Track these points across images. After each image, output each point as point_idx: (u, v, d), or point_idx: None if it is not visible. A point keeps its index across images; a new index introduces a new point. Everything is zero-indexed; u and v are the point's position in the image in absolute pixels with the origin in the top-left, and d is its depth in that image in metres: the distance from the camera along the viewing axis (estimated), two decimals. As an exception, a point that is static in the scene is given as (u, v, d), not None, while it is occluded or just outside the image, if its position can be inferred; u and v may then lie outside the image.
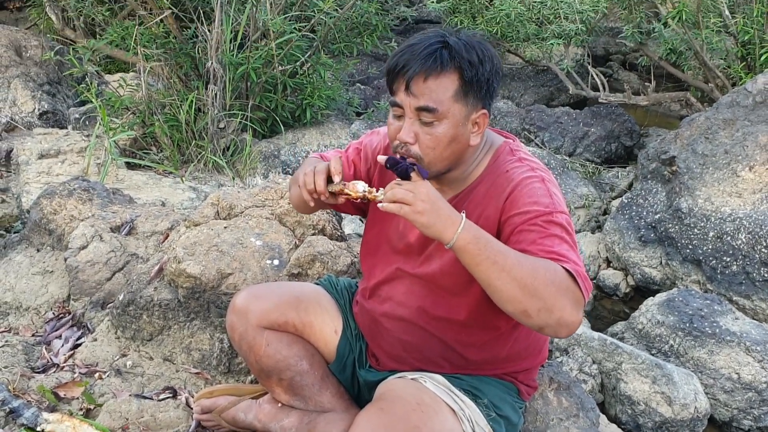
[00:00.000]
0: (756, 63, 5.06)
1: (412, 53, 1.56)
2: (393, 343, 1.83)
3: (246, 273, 2.34)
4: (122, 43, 4.98)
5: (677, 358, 3.22)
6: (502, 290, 1.44)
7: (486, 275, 1.45)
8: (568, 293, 1.45)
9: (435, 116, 1.56)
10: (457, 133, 1.59)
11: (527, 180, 1.60)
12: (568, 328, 1.45)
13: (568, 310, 1.44)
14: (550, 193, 1.58)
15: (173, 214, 3.02)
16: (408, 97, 1.57)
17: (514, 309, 1.45)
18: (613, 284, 4.21)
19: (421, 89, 1.55)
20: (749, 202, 3.81)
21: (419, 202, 1.45)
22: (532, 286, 1.42)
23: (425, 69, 1.54)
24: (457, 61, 1.55)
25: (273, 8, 4.68)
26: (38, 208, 3.00)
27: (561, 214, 1.56)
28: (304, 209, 1.94)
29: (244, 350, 1.91)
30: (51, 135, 4.49)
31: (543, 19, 5.92)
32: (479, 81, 1.57)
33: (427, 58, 1.54)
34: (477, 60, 1.56)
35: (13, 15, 7.55)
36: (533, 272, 1.43)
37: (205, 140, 4.49)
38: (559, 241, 1.51)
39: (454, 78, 1.56)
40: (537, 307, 1.43)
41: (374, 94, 6.48)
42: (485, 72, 1.58)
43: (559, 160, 5.18)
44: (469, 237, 1.45)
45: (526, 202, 1.56)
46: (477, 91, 1.58)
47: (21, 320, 2.70)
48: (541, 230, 1.52)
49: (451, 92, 1.56)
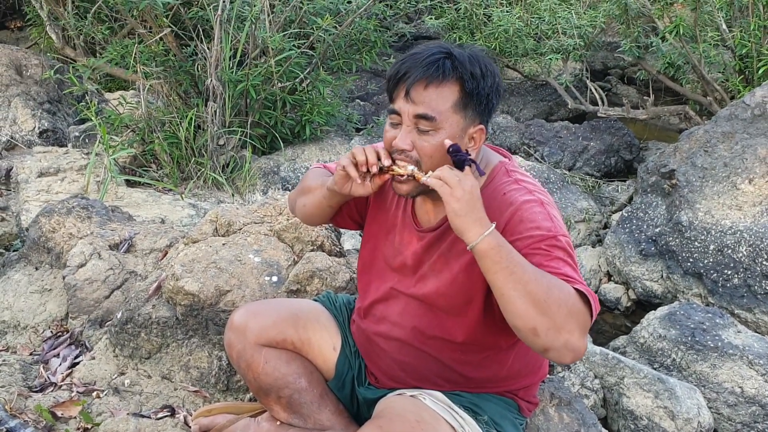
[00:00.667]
0: (754, 76, 5.08)
1: (414, 61, 1.56)
2: (390, 363, 1.82)
3: (244, 290, 2.33)
4: (122, 62, 5.00)
5: (680, 372, 3.20)
6: (515, 303, 1.43)
7: (502, 284, 1.44)
8: (578, 316, 1.44)
9: (432, 125, 1.56)
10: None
11: (527, 204, 1.59)
12: (574, 353, 1.43)
13: (576, 334, 1.43)
14: (551, 216, 1.57)
15: (172, 232, 3.02)
16: (407, 104, 1.56)
17: (523, 325, 1.43)
18: (615, 298, 4.19)
19: (421, 97, 1.55)
20: (749, 215, 3.80)
21: (460, 189, 1.46)
22: (546, 304, 1.41)
23: (427, 76, 1.54)
24: (459, 71, 1.55)
25: (272, 26, 4.71)
26: (37, 226, 3.00)
27: (563, 237, 1.55)
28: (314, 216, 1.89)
29: (243, 368, 1.90)
30: (51, 153, 4.50)
31: (541, 35, 5.95)
32: (479, 94, 1.57)
33: (430, 66, 1.54)
34: (479, 73, 1.56)
35: (13, 34, 7.59)
36: (548, 290, 1.42)
37: (204, 157, 4.50)
38: (563, 264, 1.50)
39: (455, 89, 1.56)
40: (546, 326, 1.41)
41: (373, 110, 6.50)
42: (486, 86, 1.57)
43: (558, 175, 5.18)
44: (492, 243, 1.44)
45: (528, 227, 1.55)
46: (476, 104, 1.58)
47: (19, 339, 2.69)
48: (545, 254, 1.51)
49: (450, 102, 1.56)
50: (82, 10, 5.55)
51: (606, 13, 5.77)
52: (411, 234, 1.74)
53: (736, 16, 5.33)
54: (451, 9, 6.12)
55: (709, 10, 5.11)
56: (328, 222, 1.93)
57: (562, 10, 5.87)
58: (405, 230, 1.76)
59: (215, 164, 4.54)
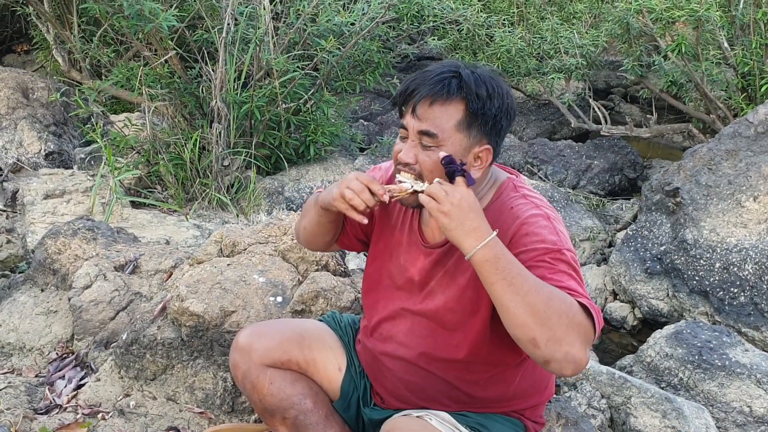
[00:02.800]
0: (756, 94, 5.09)
1: (423, 79, 1.60)
2: (396, 383, 1.81)
3: (249, 310, 2.33)
4: (127, 84, 5.04)
5: (687, 392, 3.18)
6: (514, 313, 1.43)
7: (500, 295, 1.44)
8: (579, 328, 1.43)
9: (434, 141, 1.58)
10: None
11: (533, 218, 1.60)
12: (575, 365, 1.43)
13: (578, 346, 1.42)
14: (557, 231, 1.58)
15: (177, 252, 3.03)
16: (413, 119, 1.59)
17: (523, 335, 1.44)
18: (620, 317, 4.17)
19: (426, 113, 1.58)
20: (755, 233, 3.79)
21: (448, 203, 1.47)
22: (545, 315, 1.41)
23: (432, 94, 1.57)
24: (464, 91, 1.57)
25: (276, 48, 4.74)
26: (43, 248, 3.01)
27: (568, 251, 1.55)
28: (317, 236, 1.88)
29: (248, 389, 1.89)
30: (56, 175, 4.52)
31: (543, 54, 5.98)
32: (485, 115, 1.58)
33: (436, 84, 1.57)
34: (485, 94, 1.58)
35: (20, 58, 7.66)
36: (549, 301, 1.42)
37: (209, 178, 4.51)
38: (568, 277, 1.51)
39: (460, 108, 1.58)
40: (546, 337, 1.41)
41: (377, 130, 6.52)
42: (492, 107, 1.59)
43: (562, 193, 5.19)
44: (489, 254, 1.45)
45: (533, 240, 1.56)
46: (482, 124, 1.59)
47: (24, 361, 2.69)
48: (549, 266, 1.52)
49: (454, 121, 1.58)
50: (88, 33, 5.61)
51: (608, 32, 5.80)
52: (417, 251, 1.74)
53: (737, 35, 5.35)
54: (454, 30, 6.16)
55: (710, 28, 5.13)
56: (332, 243, 1.93)
57: (564, 30, 5.91)
58: (411, 247, 1.76)
59: (220, 185, 4.55)
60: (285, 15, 5.02)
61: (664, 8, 5.17)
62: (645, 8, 5.32)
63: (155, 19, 4.24)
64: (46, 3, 5.43)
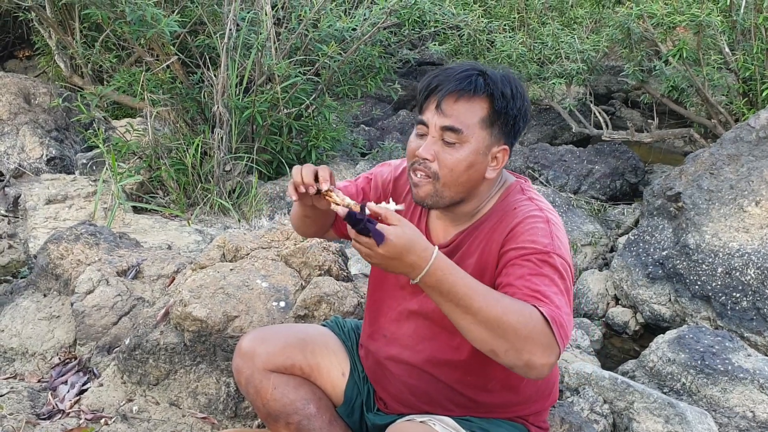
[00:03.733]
0: (758, 98, 5.09)
1: (447, 75, 1.60)
2: (400, 387, 1.81)
3: (252, 315, 2.33)
4: (129, 89, 5.05)
5: (690, 397, 3.17)
6: (466, 330, 1.46)
7: (450, 315, 1.47)
8: (540, 337, 1.43)
9: (458, 137, 1.58)
10: (476, 160, 1.60)
11: (531, 219, 1.60)
12: (537, 371, 1.45)
13: (538, 353, 1.43)
14: (552, 235, 1.57)
15: (179, 258, 3.03)
16: (436, 115, 1.59)
17: (482, 348, 1.47)
18: (622, 322, 4.17)
19: (451, 109, 1.58)
20: (757, 237, 3.79)
21: (375, 259, 1.45)
22: (500, 329, 1.42)
23: (458, 90, 1.57)
24: (490, 88, 1.58)
25: (278, 53, 4.75)
26: (45, 253, 3.01)
27: (558, 257, 1.54)
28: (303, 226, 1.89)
29: (251, 394, 1.89)
30: (58, 180, 4.52)
31: (544, 59, 5.98)
32: (507, 114, 1.60)
33: (462, 80, 1.58)
34: (510, 93, 1.59)
35: (22, 63, 7.67)
36: (502, 315, 1.43)
37: (211, 183, 4.52)
38: (549, 282, 1.50)
39: (485, 105, 1.59)
40: (504, 348, 1.43)
41: (378, 135, 6.53)
42: (515, 107, 1.60)
43: (564, 198, 5.19)
44: (431, 281, 1.44)
45: (526, 239, 1.56)
46: (503, 124, 1.61)
47: (27, 366, 2.69)
48: (532, 267, 1.52)
49: (478, 117, 1.58)
50: (90, 39, 5.62)
51: (609, 37, 5.81)
52: None
53: (738, 39, 5.36)
54: (455, 35, 6.17)
55: (711, 33, 5.14)
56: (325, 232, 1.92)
57: (564, 35, 5.91)
58: None
59: (221, 190, 4.56)
60: (287, 20, 5.03)
61: (665, 13, 5.18)
62: (646, 13, 5.33)
63: (157, 24, 4.25)
64: (48, 9, 5.44)
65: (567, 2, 6.56)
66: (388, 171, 1.88)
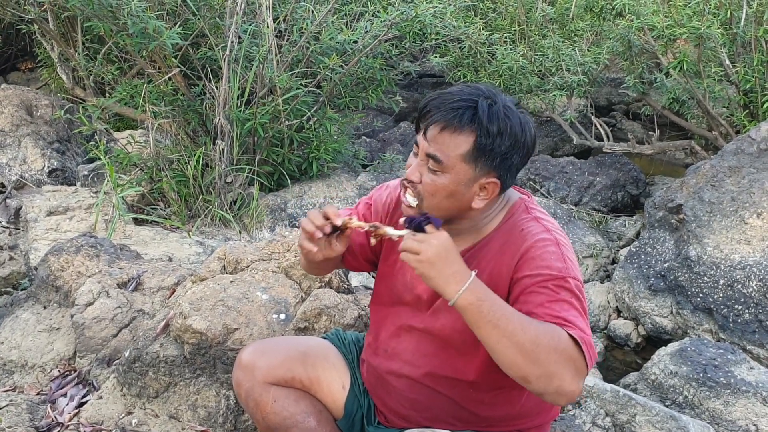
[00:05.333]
0: (758, 110, 5.10)
1: (441, 102, 1.60)
2: (400, 402, 1.80)
3: (252, 328, 2.32)
4: (131, 101, 5.06)
5: (692, 410, 3.16)
6: (501, 354, 1.46)
7: (486, 338, 1.47)
8: (569, 363, 1.45)
9: (439, 167, 1.58)
10: (456, 190, 1.60)
11: (542, 242, 1.60)
12: (567, 397, 1.46)
13: (568, 380, 1.45)
14: (564, 257, 1.58)
15: (180, 269, 3.02)
16: (423, 140, 1.60)
17: (514, 373, 1.47)
18: (624, 334, 4.16)
19: (435, 138, 1.58)
20: (758, 249, 3.78)
21: (424, 254, 1.47)
22: (534, 353, 1.43)
23: (444, 121, 1.57)
24: (475, 125, 1.56)
25: (279, 65, 4.77)
26: (46, 264, 3.01)
27: (573, 279, 1.55)
28: (314, 267, 1.91)
29: (251, 407, 1.88)
30: (60, 192, 4.53)
31: (545, 72, 6.00)
32: (493, 151, 1.57)
33: (450, 112, 1.57)
34: (496, 131, 1.56)
35: (24, 75, 7.70)
36: (536, 339, 1.44)
37: (212, 195, 4.52)
38: (568, 306, 1.51)
39: (469, 140, 1.57)
40: (537, 374, 1.44)
41: (380, 147, 6.54)
42: (502, 144, 1.57)
43: (565, 210, 5.18)
44: (471, 298, 1.45)
45: (539, 264, 1.56)
46: (489, 159, 1.58)
47: (26, 378, 2.68)
48: (550, 293, 1.52)
49: (460, 151, 1.57)
50: (92, 51, 5.64)
51: (609, 49, 5.83)
52: None
53: (739, 52, 5.37)
54: (456, 47, 6.19)
55: (712, 45, 5.15)
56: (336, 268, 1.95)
57: (565, 48, 5.93)
58: None
59: (222, 202, 4.56)
60: (288, 33, 5.05)
61: (666, 26, 5.20)
62: (646, 26, 5.35)
63: (159, 37, 4.27)
64: (51, 21, 5.47)
65: (567, 15, 6.57)
66: (387, 194, 1.89)
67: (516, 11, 6.67)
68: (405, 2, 5.00)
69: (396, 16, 4.84)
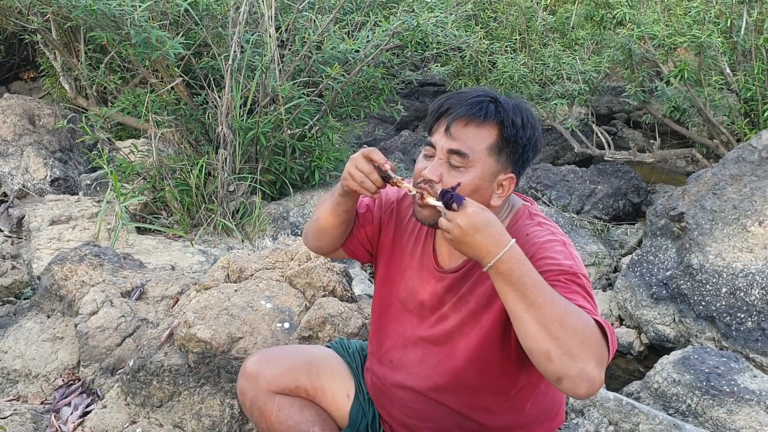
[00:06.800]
0: (759, 119, 5.11)
1: (459, 99, 1.60)
2: (405, 412, 1.80)
3: (256, 337, 2.32)
4: (134, 111, 5.07)
5: (695, 418, 3.15)
6: (526, 324, 1.41)
7: (514, 305, 1.43)
8: (595, 347, 1.41)
9: (464, 162, 1.58)
10: (481, 185, 1.60)
11: (549, 242, 1.60)
12: (590, 383, 1.40)
13: (592, 364, 1.39)
14: (573, 256, 1.58)
15: (183, 278, 3.03)
16: (444, 138, 1.59)
17: (536, 347, 1.40)
18: (627, 343, 4.15)
19: (459, 133, 1.58)
20: (761, 258, 3.78)
21: (452, 233, 1.46)
22: (560, 329, 1.38)
23: (469, 115, 1.58)
24: (501, 116, 1.58)
25: (282, 75, 4.78)
26: (49, 274, 3.01)
27: (583, 276, 1.55)
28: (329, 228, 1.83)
29: (255, 416, 1.88)
30: (62, 201, 4.53)
31: (546, 80, 6.02)
32: (516, 143, 1.60)
33: (473, 106, 1.58)
34: (520, 122, 1.59)
35: (27, 85, 7.72)
36: (564, 315, 1.40)
37: (214, 204, 4.53)
38: (583, 299, 1.50)
39: (494, 132, 1.59)
40: (561, 351, 1.38)
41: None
42: (524, 136, 1.60)
43: (567, 218, 5.19)
44: (504, 266, 1.43)
45: (549, 262, 1.55)
46: (512, 152, 1.60)
47: (30, 388, 2.68)
48: (564, 286, 1.51)
49: (486, 144, 1.58)
50: (94, 60, 5.66)
51: (610, 58, 5.84)
52: (429, 275, 1.74)
53: (739, 60, 5.39)
54: (457, 56, 6.21)
55: (712, 54, 5.17)
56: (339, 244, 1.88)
57: (566, 56, 5.95)
58: (423, 271, 1.75)
59: (225, 211, 4.56)
60: (290, 42, 5.07)
61: (666, 35, 5.22)
62: (647, 35, 5.37)
63: (162, 46, 4.28)
64: (54, 31, 5.49)
65: (568, 24, 6.60)
66: (393, 192, 1.88)
67: (517, 20, 6.69)
68: (407, 12, 5.01)
69: (398, 25, 4.86)
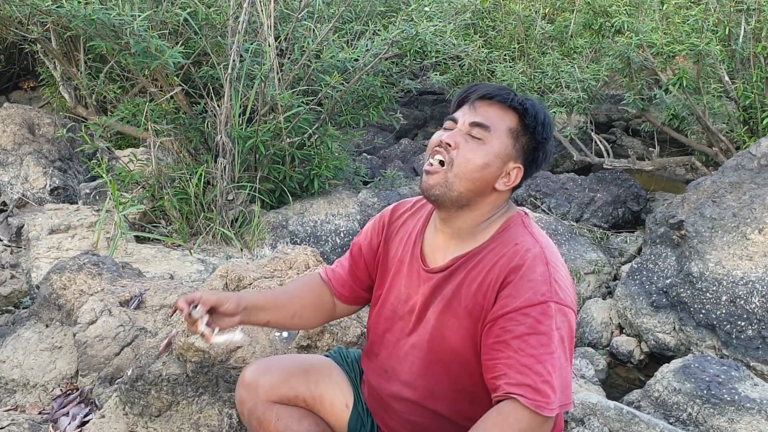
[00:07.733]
0: (758, 126, 5.12)
1: (486, 84, 1.70)
2: (402, 424, 1.79)
3: (255, 346, 2.32)
4: (133, 120, 5.08)
5: (696, 427, 3.14)
6: None
7: None
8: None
9: (484, 134, 1.63)
10: (492, 162, 1.63)
11: (532, 262, 1.59)
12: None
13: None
14: (551, 280, 1.57)
15: (182, 287, 3.02)
16: (468, 113, 1.66)
17: None
18: (627, 351, 4.14)
19: (484, 108, 1.66)
20: (761, 265, 3.78)
21: None
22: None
23: (496, 95, 1.66)
24: (525, 105, 1.66)
25: (281, 83, 4.79)
26: (48, 283, 3.01)
27: (556, 303, 1.54)
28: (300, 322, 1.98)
29: (254, 426, 1.87)
30: (61, 210, 4.53)
31: (545, 89, 6.03)
32: (533, 136, 1.66)
33: (502, 90, 1.67)
34: (542, 119, 1.67)
35: (26, 94, 7.74)
36: None
37: (213, 212, 4.53)
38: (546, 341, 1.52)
39: (516, 118, 1.66)
40: None
41: (381, 164, 6.56)
42: (542, 133, 1.67)
43: (566, 226, 5.18)
44: None
45: (526, 286, 1.56)
46: (527, 143, 1.66)
47: (28, 397, 2.67)
48: (530, 324, 1.52)
49: (507, 125, 1.65)
50: (94, 70, 5.67)
51: (609, 66, 5.86)
52: (418, 277, 1.74)
53: (738, 68, 5.40)
54: (456, 65, 6.23)
55: (711, 62, 5.18)
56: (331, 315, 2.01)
57: (565, 65, 5.96)
58: (412, 274, 1.76)
59: (224, 219, 4.56)
60: (290, 51, 5.08)
61: (665, 43, 5.23)
62: (646, 43, 5.38)
63: (161, 56, 4.29)
64: (53, 41, 5.51)
65: (567, 32, 6.61)
66: (375, 224, 1.92)
67: (515, 29, 6.72)
68: (405, 21, 5.03)
69: (396, 34, 4.87)
